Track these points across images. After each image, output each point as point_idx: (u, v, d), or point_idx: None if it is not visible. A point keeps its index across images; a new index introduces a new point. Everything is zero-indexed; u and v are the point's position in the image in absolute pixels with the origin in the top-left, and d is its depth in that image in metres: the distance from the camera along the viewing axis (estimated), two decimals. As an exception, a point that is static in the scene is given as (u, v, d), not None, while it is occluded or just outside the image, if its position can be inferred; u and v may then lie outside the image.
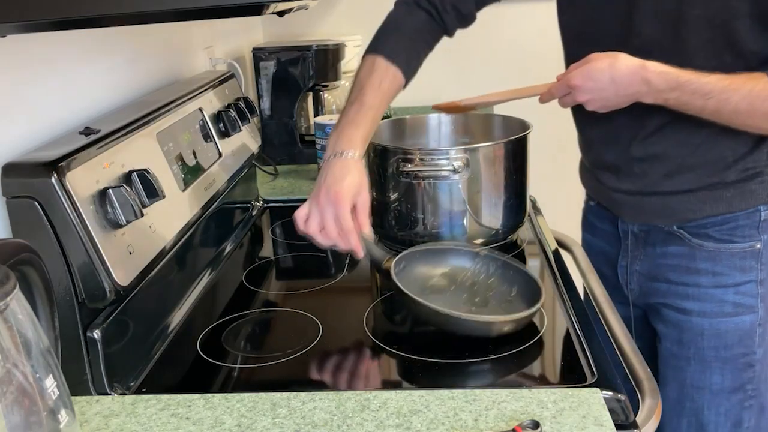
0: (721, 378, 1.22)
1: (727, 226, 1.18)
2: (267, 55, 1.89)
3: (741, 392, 1.22)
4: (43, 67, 1.03)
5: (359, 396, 0.88)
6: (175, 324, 1.10)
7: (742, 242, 1.18)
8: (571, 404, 0.84)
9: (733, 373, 1.22)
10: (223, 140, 1.38)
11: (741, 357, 1.21)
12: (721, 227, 1.19)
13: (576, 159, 1.45)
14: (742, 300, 1.20)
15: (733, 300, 1.20)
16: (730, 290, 1.20)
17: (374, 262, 1.12)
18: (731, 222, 1.18)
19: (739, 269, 1.19)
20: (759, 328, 1.20)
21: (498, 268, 1.15)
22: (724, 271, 1.20)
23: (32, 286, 0.71)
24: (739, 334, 1.20)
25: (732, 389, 1.22)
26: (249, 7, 0.77)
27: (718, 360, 1.22)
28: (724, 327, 1.20)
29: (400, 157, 1.27)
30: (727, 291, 1.20)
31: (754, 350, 1.21)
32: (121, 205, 0.91)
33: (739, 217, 1.18)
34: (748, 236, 1.18)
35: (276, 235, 1.53)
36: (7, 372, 0.58)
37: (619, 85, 1.07)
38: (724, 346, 1.21)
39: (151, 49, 1.40)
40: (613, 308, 1.17)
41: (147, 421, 0.86)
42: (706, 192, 1.18)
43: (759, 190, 1.17)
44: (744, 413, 1.23)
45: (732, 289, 1.20)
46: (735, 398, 1.23)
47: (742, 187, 1.17)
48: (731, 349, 1.21)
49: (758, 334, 1.21)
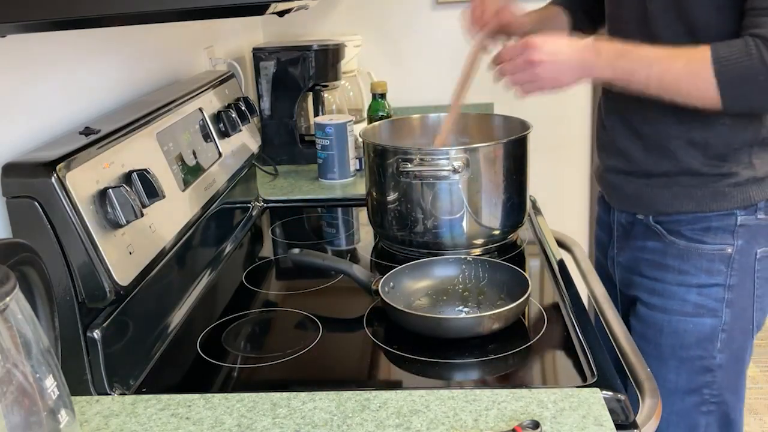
0: (675, 377, 1.22)
1: (699, 226, 1.19)
2: (267, 55, 1.89)
3: (697, 395, 1.22)
4: (43, 67, 1.03)
5: (359, 396, 0.88)
6: (175, 324, 1.10)
7: (712, 244, 1.18)
8: (571, 404, 0.84)
9: (689, 374, 1.21)
10: (223, 140, 1.38)
11: (698, 359, 1.20)
12: (693, 226, 1.19)
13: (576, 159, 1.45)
14: (704, 302, 1.19)
15: (695, 300, 1.20)
16: (693, 290, 1.20)
17: (361, 284, 1.14)
18: (703, 222, 1.18)
19: (705, 271, 1.19)
20: (722, 334, 1.19)
21: (486, 271, 1.16)
22: (690, 270, 1.20)
23: (32, 286, 0.71)
24: (697, 335, 1.20)
25: (687, 390, 1.22)
26: (249, 7, 0.77)
27: (674, 358, 1.22)
28: (683, 326, 1.20)
29: (400, 157, 1.27)
30: (690, 290, 1.20)
31: (714, 355, 1.20)
32: (121, 205, 0.91)
33: (711, 218, 1.18)
34: (720, 239, 1.17)
35: (276, 235, 1.54)
36: (7, 372, 0.58)
37: (574, 50, 1.09)
38: (680, 345, 1.21)
39: (151, 49, 1.40)
40: (614, 308, 1.17)
41: (147, 421, 0.86)
42: (678, 187, 1.19)
43: (734, 193, 1.16)
44: (700, 418, 1.22)
45: (695, 289, 1.19)
46: (690, 400, 1.22)
47: (714, 186, 1.16)
48: (688, 350, 1.21)
49: (720, 340, 1.19)
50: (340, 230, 1.59)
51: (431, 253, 1.29)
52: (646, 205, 1.24)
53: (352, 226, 1.58)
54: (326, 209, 1.67)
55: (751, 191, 1.16)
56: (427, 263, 1.18)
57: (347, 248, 1.47)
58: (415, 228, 1.30)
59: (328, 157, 1.75)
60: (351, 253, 1.43)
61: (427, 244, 1.31)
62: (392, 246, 1.37)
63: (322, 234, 1.56)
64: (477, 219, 1.29)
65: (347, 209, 1.65)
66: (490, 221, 1.31)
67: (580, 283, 1.23)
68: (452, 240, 1.30)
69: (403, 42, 2.35)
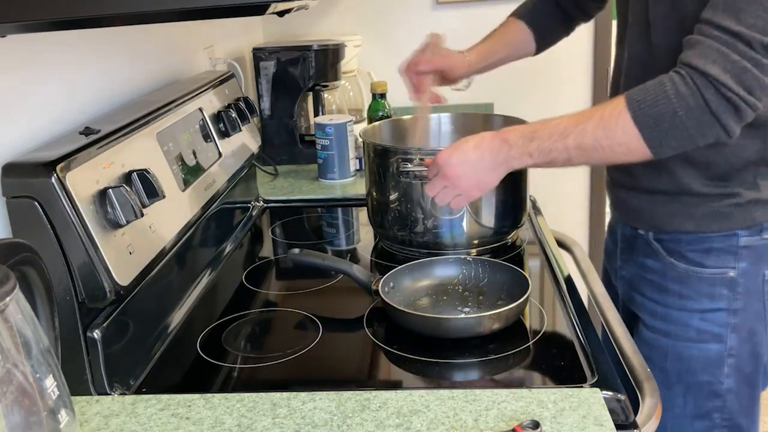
0: (683, 402, 1.18)
1: (700, 247, 1.14)
2: (267, 55, 1.89)
3: (707, 420, 1.17)
4: (43, 67, 1.03)
5: (359, 396, 0.88)
6: (175, 324, 1.10)
7: (713, 267, 1.13)
8: (571, 404, 0.84)
9: (697, 399, 1.17)
10: (223, 140, 1.38)
11: (706, 385, 1.16)
12: (694, 247, 1.14)
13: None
14: (708, 327, 1.14)
15: (697, 326, 1.15)
16: (695, 315, 1.15)
17: (361, 284, 1.14)
18: (704, 243, 1.13)
19: (707, 296, 1.14)
20: (729, 359, 1.14)
21: (486, 271, 1.16)
22: (691, 294, 1.15)
23: (32, 286, 0.71)
24: (703, 361, 1.15)
25: (695, 415, 1.18)
26: (249, 7, 0.77)
27: (680, 383, 1.17)
28: (687, 352, 1.16)
29: (400, 157, 1.27)
30: (692, 315, 1.15)
31: (722, 380, 1.15)
32: (121, 205, 0.91)
33: (713, 238, 1.12)
34: (721, 262, 1.12)
35: (276, 235, 1.54)
36: (7, 372, 0.58)
37: (484, 150, 1.07)
38: (686, 370, 1.17)
39: (151, 49, 1.40)
40: (614, 308, 1.17)
41: (147, 421, 0.86)
42: (678, 205, 1.14)
43: (735, 213, 1.11)
44: None
45: (698, 314, 1.15)
46: (700, 425, 1.18)
47: (714, 206, 1.11)
48: (695, 375, 1.16)
49: (728, 365, 1.15)
50: (340, 230, 1.59)
51: (431, 253, 1.29)
52: (646, 220, 1.20)
53: (352, 226, 1.58)
54: (326, 209, 1.67)
55: (754, 212, 1.11)
56: (427, 263, 1.18)
57: (347, 248, 1.47)
58: (415, 228, 1.30)
59: (328, 157, 1.75)
60: (351, 253, 1.43)
61: (427, 244, 1.31)
62: (392, 246, 1.37)
63: (322, 234, 1.56)
64: (477, 219, 1.29)
65: (347, 209, 1.65)
66: (490, 221, 1.31)
67: (580, 283, 1.23)
68: (452, 240, 1.30)
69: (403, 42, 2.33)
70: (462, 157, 1.09)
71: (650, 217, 1.19)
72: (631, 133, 0.97)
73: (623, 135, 0.98)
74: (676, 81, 0.95)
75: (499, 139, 1.07)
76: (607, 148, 1.00)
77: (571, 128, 1.01)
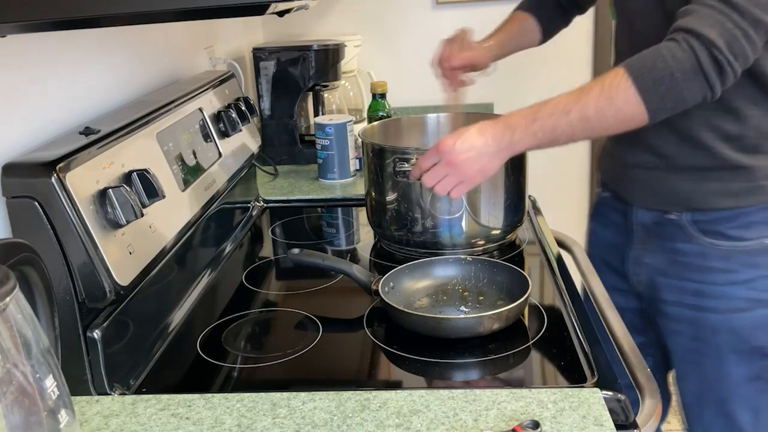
0: (737, 368, 1.23)
1: (739, 222, 1.18)
2: (267, 55, 1.89)
3: (761, 380, 1.24)
4: (43, 67, 1.03)
5: (359, 396, 0.88)
6: (175, 324, 1.10)
7: (753, 239, 1.19)
8: (571, 404, 0.84)
9: (751, 363, 1.23)
10: (223, 140, 1.38)
11: (758, 349, 1.22)
12: (733, 224, 1.19)
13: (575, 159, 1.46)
14: (755, 295, 1.20)
15: (745, 296, 1.20)
16: (742, 287, 1.20)
17: (361, 284, 1.14)
18: (743, 218, 1.18)
19: (750, 265, 1.19)
20: None
21: (486, 271, 1.16)
22: (736, 268, 1.20)
23: (32, 286, 0.71)
24: (753, 327, 1.21)
25: (750, 377, 1.23)
26: (249, 7, 0.77)
27: (734, 352, 1.22)
28: (738, 323, 1.21)
29: (397, 157, 1.27)
30: (739, 288, 1.20)
31: None
32: (121, 205, 0.91)
33: (751, 212, 1.18)
34: (759, 232, 1.18)
35: (276, 235, 1.54)
36: (7, 372, 0.58)
37: (488, 136, 1.09)
38: (739, 339, 1.22)
39: (151, 49, 1.40)
40: (614, 308, 1.17)
41: (147, 421, 0.86)
42: (716, 183, 1.18)
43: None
44: (765, 397, 1.25)
45: (744, 285, 1.20)
46: (755, 386, 1.24)
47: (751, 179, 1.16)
48: (747, 342, 1.22)
49: None
50: (340, 230, 1.59)
51: (431, 252, 1.29)
52: (679, 202, 1.22)
53: (352, 226, 1.58)
54: (326, 209, 1.67)
55: None
56: (427, 263, 1.18)
57: (347, 248, 1.47)
58: (414, 228, 1.30)
59: (328, 157, 1.75)
60: (351, 253, 1.43)
61: (426, 243, 1.31)
62: (391, 246, 1.37)
63: (322, 234, 1.56)
64: (476, 219, 1.29)
65: (347, 209, 1.65)
66: (489, 221, 1.31)
67: (580, 283, 1.23)
68: (451, 240, 1.30)
69: (403, 42, 2.35)
70: (467, 144, 1.09)
71: (684, 198, 1.21)
72: (632, 99, 1.03)
73: (625, 102, 1.03)
74: (672, 47, 1.02)
75: (502, 125, 1.09)
76: (610, 117, 1.05)
77: (572, 103, 1.05)
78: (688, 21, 1.02)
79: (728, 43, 0.99)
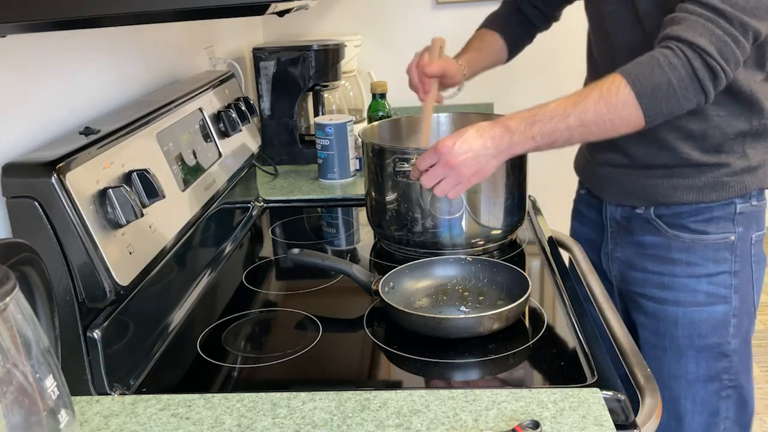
0: (695, 367, 1.25)
1: (702, 217, 1.22)
2: (267, 55, 1.89)
3: (717, 382, 1.25)
4: (43, 67, 1.03)
5: (359, 396, 0.88)
6: (175, 324, 1.10)
7: (716, 234, 1.22)
8: (571, 404, 0.84)
9: (708, 362, 1.24)
10: (223, 140, 1.38)
11: (715, 347, 1.24)
12: (696, 218, 1.22)
13: (575, 159, 1.46)
14: (715, 290, 1.23)
15: (706, 290, 1.23)
16: (703, 280, 1.23)
17: (361, 284, 1.14)
18: (705, 212, 1.21)
19: (712, 260, 1.22)
20: (733, 319, 1.23)
21: (486, 271, 1.16)
22: (697, 261, 1.23)
23: (32, 286, 0.71)
24: (712, 323, 1.23)
25: (707, 378, 1.25)
26: (249, 7, 0.77)
27: (692, 348, 1.24)
28: (698, 316, 1.23)
29: (397, 157, 1.27)
30: (700, 281, 1.23)
31: (728, 340, 1.24)
32: (121, 205, 0.91)
33: (713, 208, 1.21)
34: (722, 228, 1.21)
35: (276, 235, 1.54)
36: (7, 372, 0.58)
37: (486, 138, 1.09)
38: (697, 335, 1.24)
39: (151, 49, 1.40)
40: (613, 308, 1.17)
41: (147, 421, 0.86)
42: (678, 179, 1.21)
43: (731, 183, 1.19)
44: (721, 403, 1.26)
45: (705, 279, 1.23)
46: (711, 387, 1.25)
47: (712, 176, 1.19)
48: (705, 338, 1.24)
49: (732, 325, 1.23)
50: (340, 230, 1.59)
51: (430, 252, 1.29)
52: (645, 197, 1.26)
53: (352, 226, 1.58)
54: (326, 209, 1.67)
55: (746, 180, 1.20)
56: (427, 263, 1.18)
57: (347, 248, 1.47)
58: (414, 228, 1.30)
59: (328, 157, 1.75)
60: (351, 253, 1.43)
61: (426, 243, 1.31)
62: (391, 246, 1.37)
63: (322, 234, 1.56)
64: (475, 218, 1.29)
65: (347, 209, 1.65)
66: (489, 221, 1.31)
67: (579, 283, 1.23)
68: (451, 240, 1.30)
69: (403, 42, 2.34)
70: (466, 146, 1.10)
71: (649, 193, 1.25)
72: (631, 105, 1.05)
73: (624, 107, 1.05)
74: (667, 54, 1.04)
75: (501, 127, 1.10)
76: (608, 122, 1.06)
77: (570, 108, 1.06)
78: (679, 30, 1.04)
79: (719, 50, 1.02)
